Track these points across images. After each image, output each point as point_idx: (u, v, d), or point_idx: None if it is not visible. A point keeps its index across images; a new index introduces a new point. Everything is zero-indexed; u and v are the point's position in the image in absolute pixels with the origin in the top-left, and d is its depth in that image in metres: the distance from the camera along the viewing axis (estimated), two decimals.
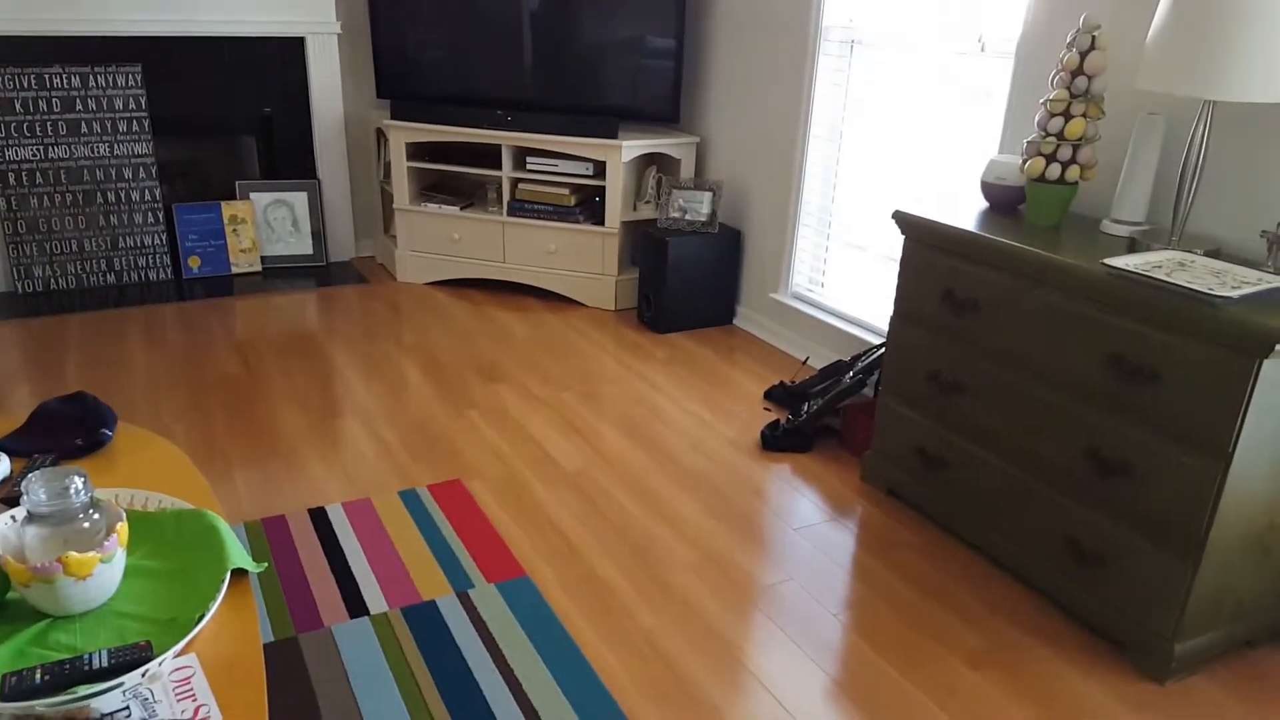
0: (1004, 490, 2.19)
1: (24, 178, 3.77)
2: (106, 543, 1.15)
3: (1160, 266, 1.84)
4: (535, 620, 1.98)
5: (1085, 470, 1.97)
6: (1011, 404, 2.13)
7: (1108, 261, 1.86)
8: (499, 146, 3.97)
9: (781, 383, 3.21)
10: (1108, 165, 2.35)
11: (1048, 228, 2.20)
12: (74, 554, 1.12)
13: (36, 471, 1.16)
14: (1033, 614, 2.11)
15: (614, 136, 3.79)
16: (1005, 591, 2.18)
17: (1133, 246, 2.05)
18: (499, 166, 3.98)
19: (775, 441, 2.86)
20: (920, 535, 2.40)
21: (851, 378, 2.89)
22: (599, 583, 2.14)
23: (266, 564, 2.13)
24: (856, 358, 3.03)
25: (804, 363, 3.51)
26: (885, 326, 2.97)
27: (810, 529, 2.42)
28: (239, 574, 1.29)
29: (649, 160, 4.05)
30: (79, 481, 1.16)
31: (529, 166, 3.96)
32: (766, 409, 3.12)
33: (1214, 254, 2.02)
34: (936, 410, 2.35)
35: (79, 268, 3.94)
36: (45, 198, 3.82)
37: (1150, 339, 1.80)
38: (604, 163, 3.84)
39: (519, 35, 3.95)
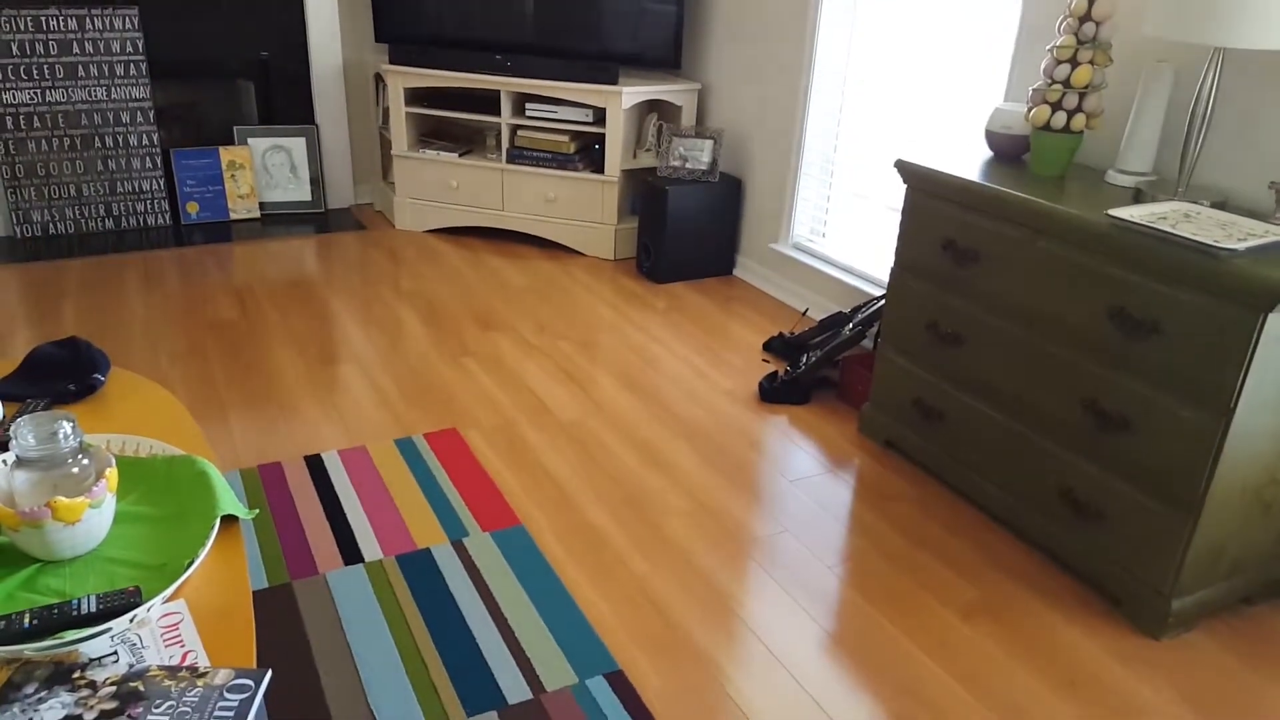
0: (1002, 443, 2.18)
1: (21, 122, 3.73)
2: (95, 488, 1.15)
3: (1165, 218, 1.81)
4: (529, 568, 2.00)
5: (1084, 423, 1.97)
6: (1011, 356, 2.11)
7: (1112, 212, 1.83)
8: (498, 92, 3.90)
9: (780, 334, 3.19)
10: (1114, 114, 2.30)
11: (1052, 178, 2.17)
12: (63, 499, 1.12)
13: (25, 416, 1.16)
14: (1028, 568, 2.12)
15: (614, 83, 3.73)
16: (1001, 545, 2.19)
17: (1138, 197, 2.01)
18: (498, 113, 3.93)
19: (773, 393, 2.85)
20: (917, 488, 2.41)
21: (851, 329, 2.88)
22: (592, 531, 2.16)
23: (258, 510, 2.14)
24: (856, 309, 3.01)
25: (803, 314, 3.49)
26: (886, 278, 2.94)
27: (806, 480, 2.42)
28: (230, 520, 1.29)
29: (650, 108, 3.98)
30: (67, 426, 1.16)
31: (528, 113, 3.90)
32: (765, 360, 3.11)
33: (1221, 205, 1.99)
34: (935, 362, 2.34)
35: (77, 213, 3.92)
36: (43, 142, 3.78)
37: (1153, 291, 1.78)
38: (604, 109, 3.78)
39: None
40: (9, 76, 3.66)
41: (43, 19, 3.65)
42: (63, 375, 1.59)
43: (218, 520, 1.23)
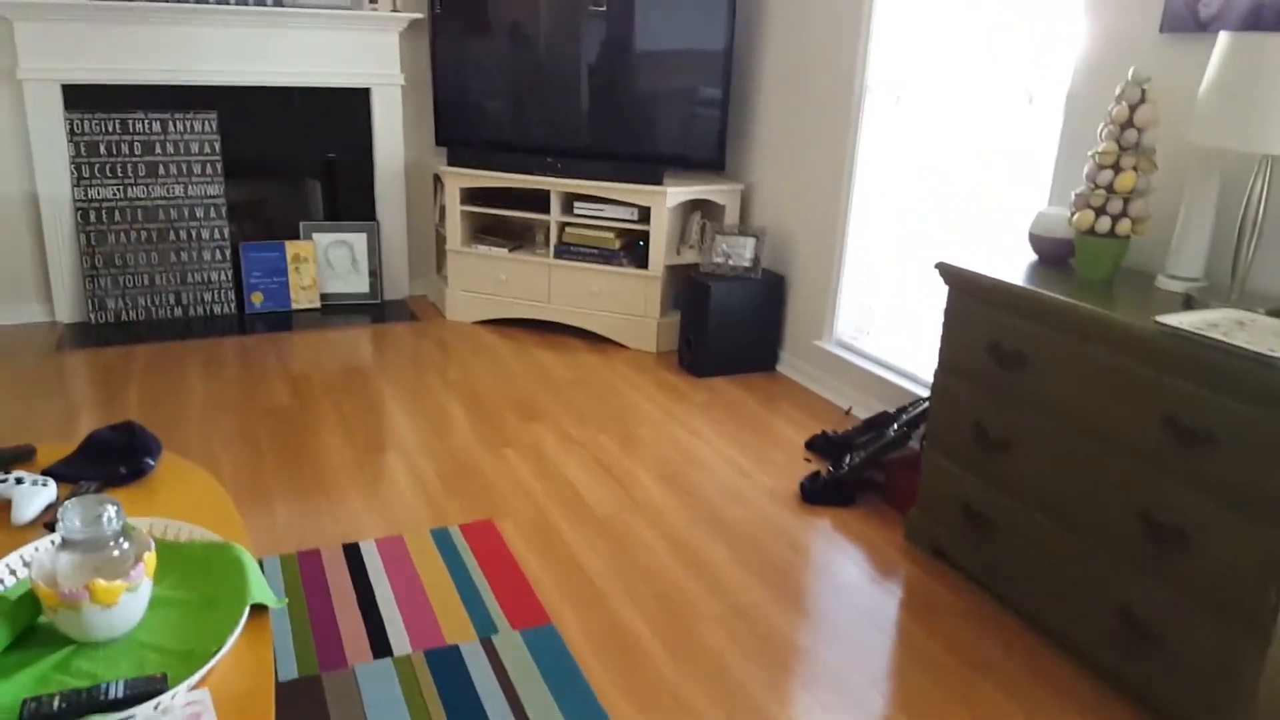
0: (1053, 555, 2.11)
1: (103, 215, 3.96)
2: (133, 572, 1.18)
3: (1217, 325, 1.78)
4: (557, 671, 1.96)
5: (1140, 537, 1.90)
6: (1060, 463, 2.06)
7: (1161, 319, 1.81)
8: (548, 192, 4.04)
9: (824, 432, 3.17)
10: (1163, 218, 2.29)
11: (1099, 282, 2.15)
12: (101, 581, 1.15)
13: (73, 499, 1.20)
14: (1083, 691, 2.01)
15: (659, 183, 3.83)
16: (1054, 665, 2.09)
17: (1189, 303, 1.99)
18: (548, 211, 4.05)
19: (815, 494, 2.81)
20: (965, 600, 2.33)
21: (896, 430, 2.84)
22: (624, 632, 2.12)
23: (288, 600, 2.15)
24: (902, 409, 2.97)
25: (846, 412, 3.46)
26: (932, 378, 2.92)
27: (849, 588, 2.36)
28: (260, 609, 1.30)
29: (694, 206, 4.08)
30: (111, 510, 1.19)
31: (576, 211, 4.02)
32: (807, 459, 3.08)
33: (1276, 313, 1.95)
34: (983, 468, 2.29)
35: (149, 301, 4.10)
36: (122, 234, 4.00)
37: (1207, 400, 1.73)
38: (649, 208, 3.88)
39: (570, 87, 4.04)
40: (95, 174, 3.91)
41: (130, 122, 3.92)
42: (117, 459, 1.65)
43: (247, 609, 1.25)
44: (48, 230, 3.93)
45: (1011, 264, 2.30)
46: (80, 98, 3.86)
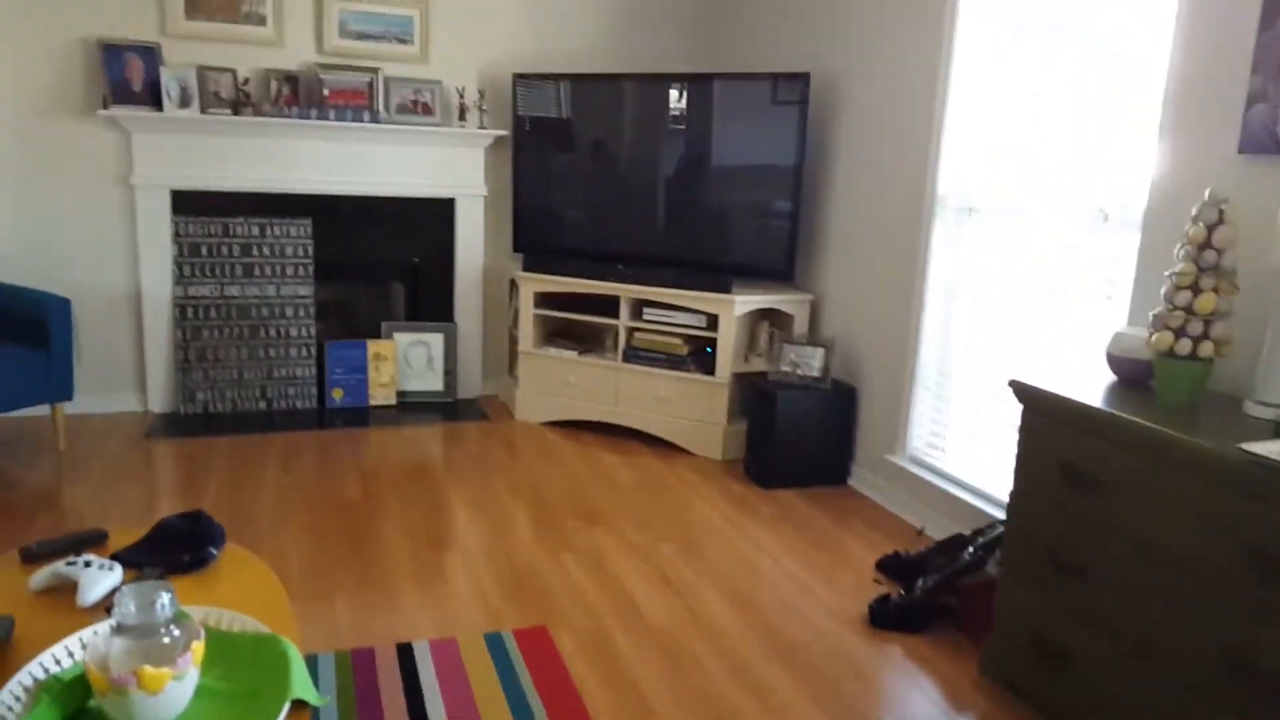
0: (1132, 692, 1.97)
1: (200, 312, 4.19)
2: (180, 660, 1.20)
3: None
4: None
5: (1225, 678, 1.76)
6: (1138, 594, 1.94)
7: (1245, 446, 1.72)
8: (618, 297, 4.12)
9: (896, 552, 3.05)
10: (1250, 342, 2.21)
11: (1181, 406, 2.07)
12: (149, 668, 1.16)
13: (128, 585, 1.23)
14: None
15: (728, 291, 3.88)
16: None
17: (1279, 431, 1.89)
18: (617, 315, 4.13)
19: (884, 618, 2.69)
20: None
21: (971, 554, 2.72)
22: None
23: (329, 699, 2.13)
24: (978, 532, 2.86)
25: (919, 533, 3.34)
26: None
27: None
28: (302, 705, 1.30)
29: (763, 315, 4.10)
30: (165, 597, 1.22)
31: (645, 316, 4.08)
32: (877, 581, 2.97)
33: None
34: (1059, 596, 2.17)
35: (236, 394, 4.28)
36: (215, 330, 4.22)
37: None
38: (717, 315, 3.91)
39: (644, 198, 4.18)
40: (195, 273, 4.16)
41: (230, 225, 4.18)
42: (182, 546, 1.69)
43: (288, 704, 1.24)
44: (147, 324, 4.17)
45: (1088, 384, 2.23)
46: (186, 202, 4.15)
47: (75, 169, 4.01)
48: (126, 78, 3.94)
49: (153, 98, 3.98)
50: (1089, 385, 2.21)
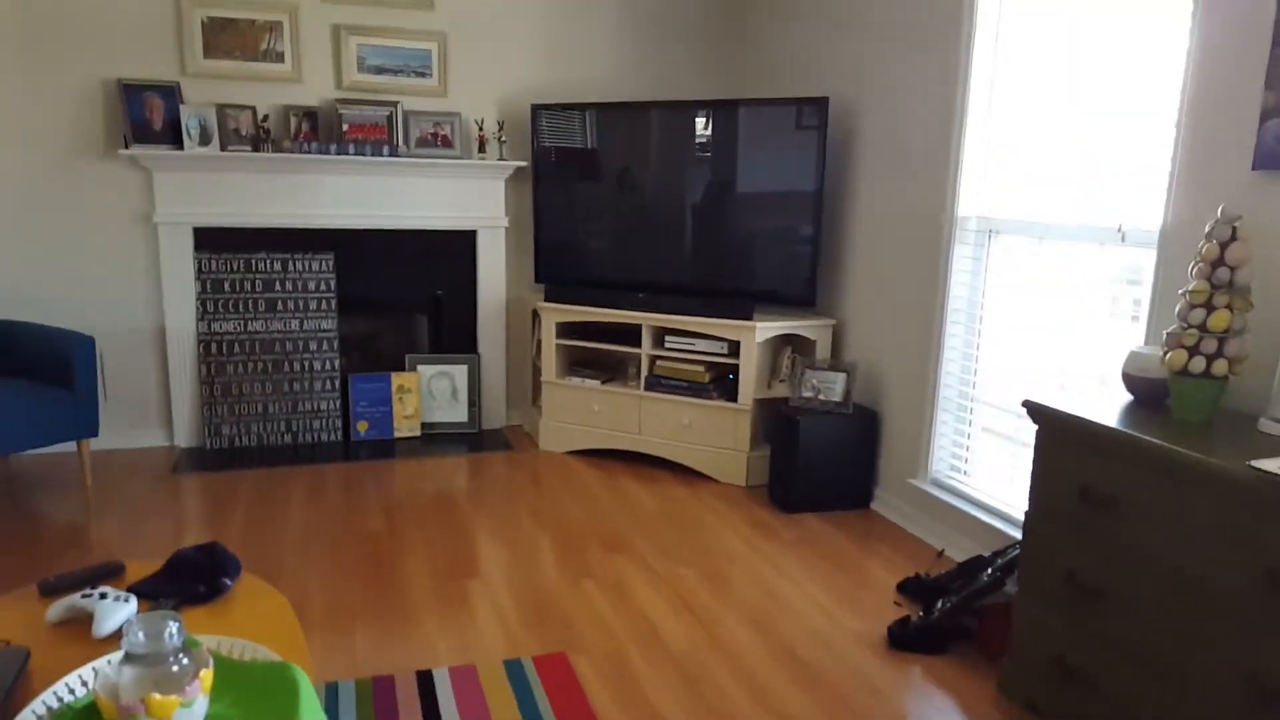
0: (1152, 714, 1.93)
1: (224, 347, 4.27)
2: (189, 687, 1.22)
3: None
4: None
5: (1246, 699, 1.72)
6: (1156, 615, 1.91)
7: (1256, 464, 1.69)
8: (640, 326, 4.14)
9: (917, 575, 3.03)
10: (1264, 360, 2.18)
11: (1196, 424, 2.04)
12: (156, 695, 1.19)
13: (138, 615, 1.26)
14: None
15: (749, 318, 3.89)
16: None
17: None
18: (639, 344, 4.15)
19: (904, 640, 2.67)
20: None
21: (990, 575, 2.69)
22: None
23: None
24: (997, 553, 2.83)
25: (939, 555, 3.30)
26: None
27: None
28: None
29: (785, 340, 4.10)
30: (173, 626, 1.25)
31: (667, 344, 4.10)
32: (897, 603, 2.94)
33: None
34: (1076, 616, 2.14)
35: (261, 428, 4.34)
36: (240, 365, 4.30)
37: None
38: (739, 342, 3.92)
39: (663, 227, 4.21)
40: (219, 309, 4.25)
41: (253, 261, 4.27)
42: (198, 577, 1.73)
43: None
44: (172, 360, 4.26)
45: (1104, 403, 2.21)
46: (209, 239, 4.24)
47: (98, 208, 4.12)
48: (147, 117, 4.05)
49: (173, 136, 4.08)
50: (1105, 405, 2.19)
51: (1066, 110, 2.87)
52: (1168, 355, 2.08)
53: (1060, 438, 2.18)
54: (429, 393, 4.65)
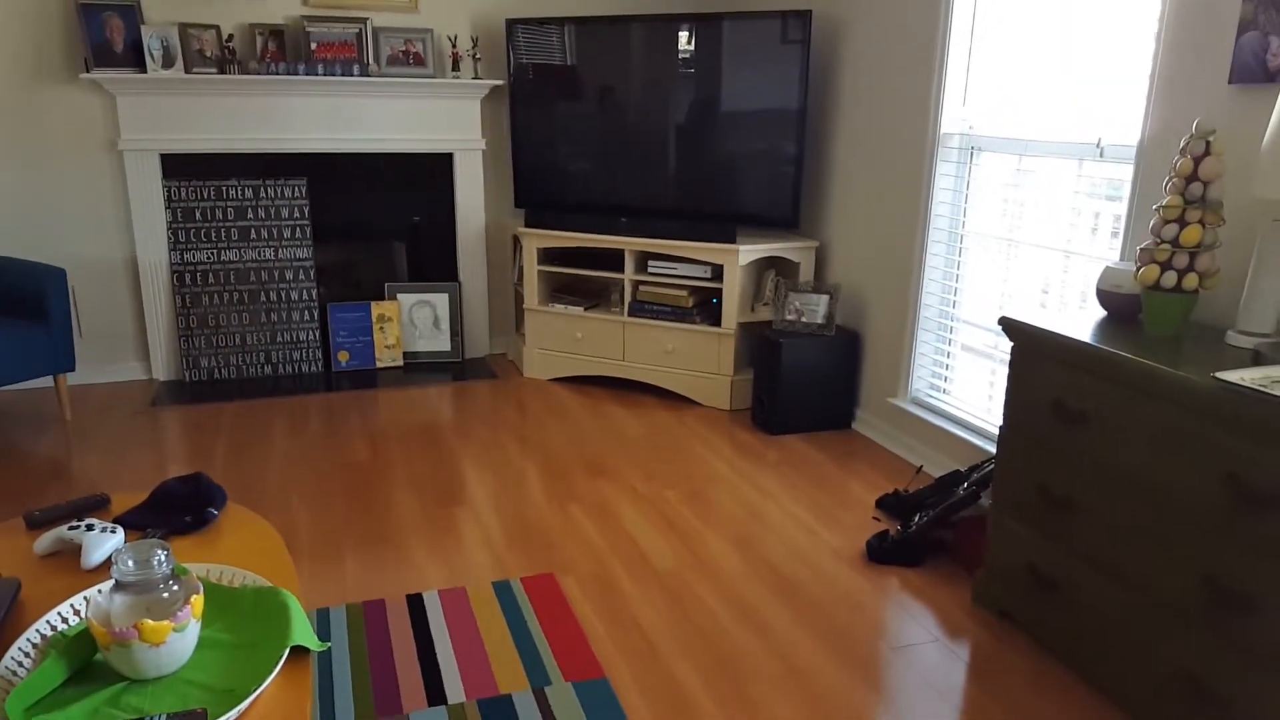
0: (1116, 617, 2.01)
1: (198, 278, 4.22)
2: (180, 612, 1.24)
3: None
4: None
5: (1205, 601, 1.79)
6: (1124, 523, 1.97)
7: (1219, 375, 1.73)
8: (623, 251, 4.12)
9: (895, 491, 3.09)
10: (1235, 273, 2.20)
11: (1166, 338, 2.07)
12: (149, 621, 1.21)
13: (127, 544, 1.27)
14: None
15: (732, 241, 3.87)
16: None
17: (1257, 359, 1.89)
18: (622, 269, 4.13)
19: (882, 553, 2.74)
20: (1031, 664, 2.22)
21: (965, 489, 2.76)
22: (677, 689, 2.10)
23: (329, 645, 2.20)
24: (973, 468, 2.89)
25: (918, 471, 3.38)
26: None
27: (910, 650, 2.28)
28: (304, 653, 1.35)
29: (768, 263, 4.09)
30: (161, 554, 1.26)
31: (650, 269, 4.08)
32: (876, 519, 3.01)
33: None
34: (1048, 527, 2.20)
35: (240, 360, 4.33)
36: (215, 296, 4.25)
37: (1270, 460, 1.64)
38: (722, 266, 3.91)
39: (644, 148, 4.15)
40: (191, 238, 4.18)
41: (223, 188, 4.19)
42: (183, 508, 1.74)
43: (286, 650, 1.29)
44: (146, 292, 4.21)
45: (1078, 319, 2.24)
46: (177, 166, 4.15)
47: (61, 136, 4.00)
48: (108, 38, 3.91)
49: (136, 59, 3.94)
50: (1079, 321, 2.22)
51: (1048, 24, 2.82)
52: (1140, 270, 2.10)
53: (1034, 354, 2.21)
54: (410, 322, 4.63)
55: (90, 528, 1.53)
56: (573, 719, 1.96)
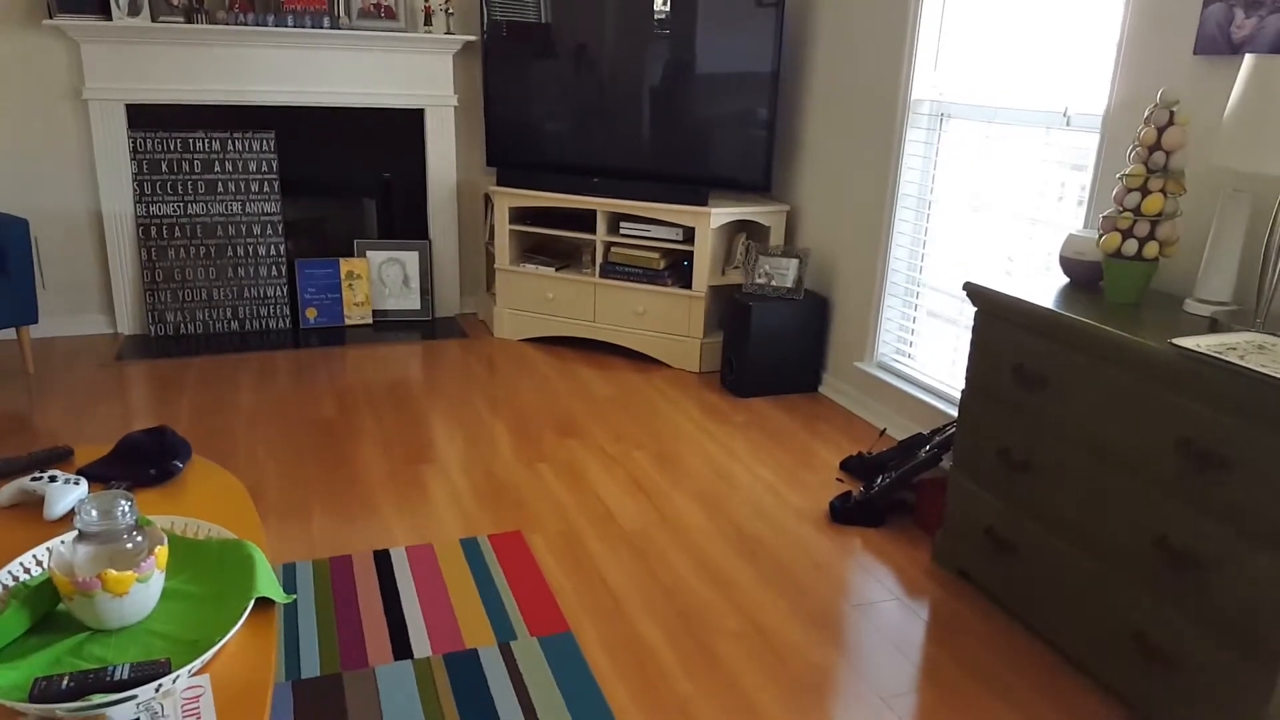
0: (1071, 577, 2.07)
1: (164, 231, 4.15)
2: (144, 563, 1.25)
3: (1235, 348, 1.74)
4: (572, 678, 1.99)
5: (1156, 562, 1.85)
6: (1080, 486, 2.03)
7: (1176, 341, 1.77)
8: (595, 211, 4.10)
9: (859, 453, 3.14)
10: (1194, 241, 2.24)
11: (1126, 305, 2.11)
12: (113, 571, 1.22)
13: (91, 495, 1.27)
14: (1099, 714, 1.97)
15: (704, 204, 3.87)
16: (1072, 689, 2.05)
17: (1214, 326, 1.94)
18: (594, 230, 4.12)
19: (844, 514, 2.79)
20: (987, 623, 2.29)
21: (927, 451, 2.81)
22: (641, 644, 2.14)
23: (295, 596, 2.22)
24: (935, 431, 2.94)
25: (881, 434, 3.43)
26: None
27: (869, 607, 2.34)
28: (269, 605, 1.36)
29: (740, 227, 4.10)
30: (125, 505, 1.26)
31: (622, 231, 4.07)
32: (840, 480, 3.06)
33: None
34: (1006, 490, 2.26)
35: (207, 315, 4.28)
36: (181, 250, 4.19)
37: (1223, 425, 1.69)
38: (693, 228, 3.91)
39: (617, 109, 4.11)
40: (157, 191, 4.11)
41: (190, 140, 4.11)
42: (148, 461, 1.74)
43: (251, 602, 1.30)
44: (110, 245, 4.13)
45: (1041, 286, 2.27)
46: (143, 117, 4.06)
47: (23, 84, 3.90)
48: None
49: (101, 5, 3.83)
50: (1041, 287, 2.26)
51: None
52: (1102, 238, 2.13)
53: (996, 319, 2.25)
54: (380, 279, 4.59)
55: (53, 479, 1.52)
56: (538, 672, 2.00)
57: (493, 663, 2.02)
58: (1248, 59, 1.80)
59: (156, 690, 1.13)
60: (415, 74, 4.38)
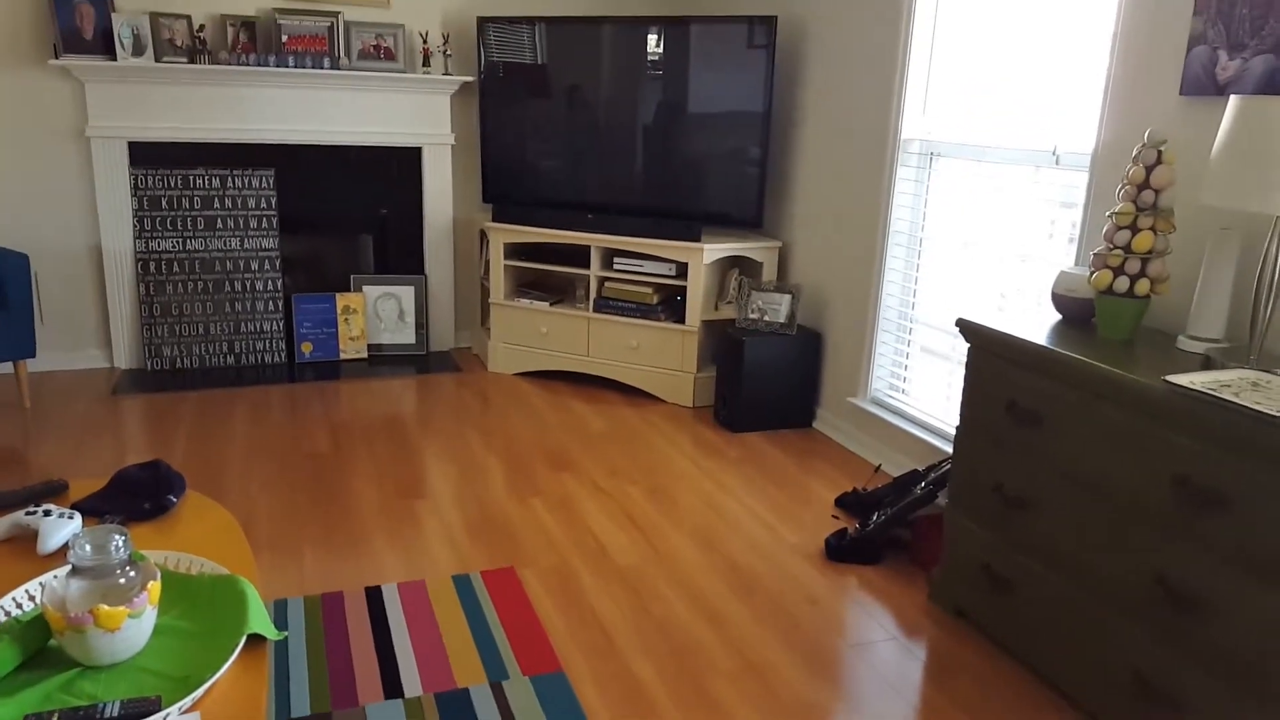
0: (1069, 616, 2.06)
1: (163, 266, 4.17)
2: (137, 599, 1.24)
3: (1229, 385, 1.75)
4: (563, 718, 1.97)
5: (1154, 600, 1.85)
6: (1076, 523, 2.03)
7: (1170, 378, 1.78)
8: (589, 247, 4.13)
9: (854, 489, 3.14)
10: (1186, 279, 2.27)
11: (1119, 342, 2.13)
12: (104, 606, 1.21)
13: (85, 529, 1.27)
14: None
15: (697, 240, 3.90)
16: None
17: (1207, 364, 1.95)
18: (588, 266, 4.14)
19: (840, 551, 2.78)
20: (986, 662, 2.27)
21: (922, 488, 2.81)
22: (633, 682, 2.12)
23: (286, 633, 2.20)
24: (931, 468, 2.94)
25: (876, 470, 3.43)
26: None
27: (866, 647, 2.32)
28: (261, 641, 1.35)
29: (732, 262, 4.13)
30: (119, 539, 1.26)
31: (616, 266, 4.10)
32: (835, 517, 3.05)
33: None
34: (1002, 527, 2.25)
35: (203, 349, 4.28)
36: (179, 285, 4.20)
37: (1219, 462, 1.70)
38: (686, 264, 3.94)
39: (612, 147, 4.17)
40: (156, 227, 4.13)
41: (190, 177, 4.14)
42: (142, 494, 1.73)
43: (243, 639, 1.29)
44: (109, 280, 4.15)
45: (1033, 322, 2.29)
46: (144, 154, 4.09)
47: (28, 122, 3.94)
48: (77, 25, 3.86)
49: (105, 46, 3.90)
50: (1034, 324, 2.27)
51: (1006, 35, 2.88)
52: (1094, 275, 2.16)
53: (989, 355, 2.26)
54: (375, 314, 4.61)
55: (47, 513, 1.51)
56: (529, 713, 1.98)
57: (484, 702, 2.00)
58: (1233, 100, 1.84)
59: None
60: (413, 113, 4.43)
